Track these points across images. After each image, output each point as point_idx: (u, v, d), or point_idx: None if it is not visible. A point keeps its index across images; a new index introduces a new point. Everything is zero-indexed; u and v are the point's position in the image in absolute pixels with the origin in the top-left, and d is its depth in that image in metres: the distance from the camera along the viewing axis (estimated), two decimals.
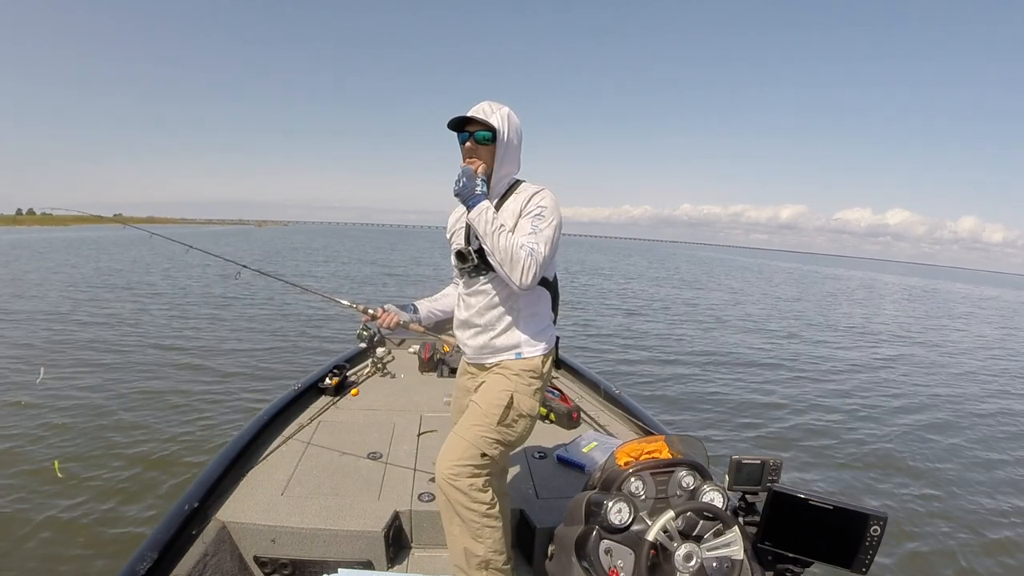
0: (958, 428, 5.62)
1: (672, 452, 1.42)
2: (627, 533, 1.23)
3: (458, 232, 1.64)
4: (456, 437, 1.50)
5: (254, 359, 6.50)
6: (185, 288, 12.42)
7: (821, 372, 7.70)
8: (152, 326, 8.16)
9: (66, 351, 6.47)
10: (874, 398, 6.52)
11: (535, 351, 1.57)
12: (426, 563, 1.84)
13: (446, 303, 1.80)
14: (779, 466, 1.31)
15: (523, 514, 1.92)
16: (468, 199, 1.43)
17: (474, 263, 1.55)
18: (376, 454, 2.33)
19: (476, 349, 1.61)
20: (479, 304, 1.57)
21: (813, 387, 6.78)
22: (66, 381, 5.27)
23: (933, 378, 7.97)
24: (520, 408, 1.53)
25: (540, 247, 1.41)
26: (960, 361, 9.67)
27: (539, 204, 1.47)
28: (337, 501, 1.94)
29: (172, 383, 5.39)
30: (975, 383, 7.89)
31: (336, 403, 2.95)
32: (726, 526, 1.19)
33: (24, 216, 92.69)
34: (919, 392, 7.00)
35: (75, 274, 14.91)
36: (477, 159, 1.48)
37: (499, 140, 1.48)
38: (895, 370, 8.31)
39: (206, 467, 1.99)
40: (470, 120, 1.47)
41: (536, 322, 1.58)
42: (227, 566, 1.71)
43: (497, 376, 1.57)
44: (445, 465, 1.45)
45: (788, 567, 1.21)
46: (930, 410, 6.18)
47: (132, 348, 6.74)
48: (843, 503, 1.15)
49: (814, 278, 35.82)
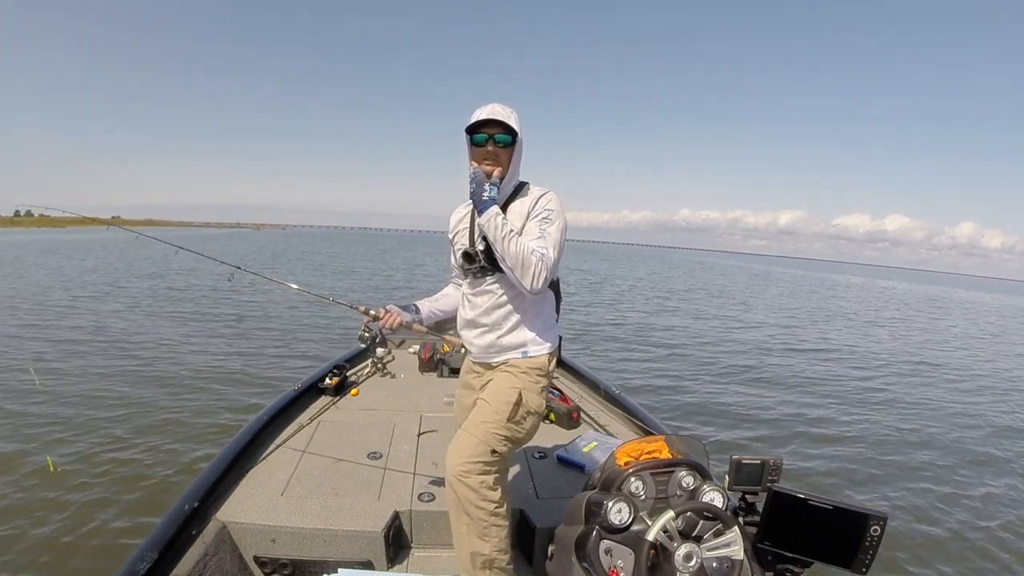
0: (959, 428, 5.62)
1: (672, 452, 1.42)
2: (627, 533, 1.23)
3: (461, 232, 1.64)
4: (466, 434, 1.49)
5: (250, 361, 6.44)
6: (180, 289, 12.32)
7: (822, 372, 7.71)
8: (147, 328, 8.11)
9: (60, 353, 6.42)
10: (875, 398, 6.52)
11: (541, 349, 1.58)
12: (426, 563, 1.84)
13: (447, 303, 1.80)
14: (779, 466, 1.31)
15: (523, 514, 1.92)
16: (478, 204, 1.43)
17: (481, 264, 1.55)
18: (376, 454, 2.33)
19: (482, 348, 1.61)
20: (485, 304, 1.58)
21: (813, 387, 6.79)
22: (61, 383, 5.21)
23: (937, 379, 7.97)
24: (529, 405, 1.54)
25: (549, 252, 1.42)
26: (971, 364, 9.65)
27: (546, 207, 1.48)
28: (337, 501, 1.94)
29: (166, 386, 5.33)
30: (985, 386, 7.84)
31: (336, 403, 2.95)
32: (726, 526, 1.19)
33: (22, 218, 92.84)
34: (920, 392, 7.01)
35: (71, 275, 14.86)
36: (496, 163, 1.47)
37: (518, 143, 1.48)
38: (896, 370, 8.31)
39: (206, 467, 1.99)
40: (487, 122, 1.45)
41: (541, 321, 1.59)
42: (227, 566, 1.71)
43: (505, 374, 1.57)
44: (456, 462, 1.44)
45: (788, 567, 1.21)
46: (931, 409, 6.19)
47: (128, 351, 6.71)
48: (843, 503, 1.15)
49: (818, 284, 35.71)
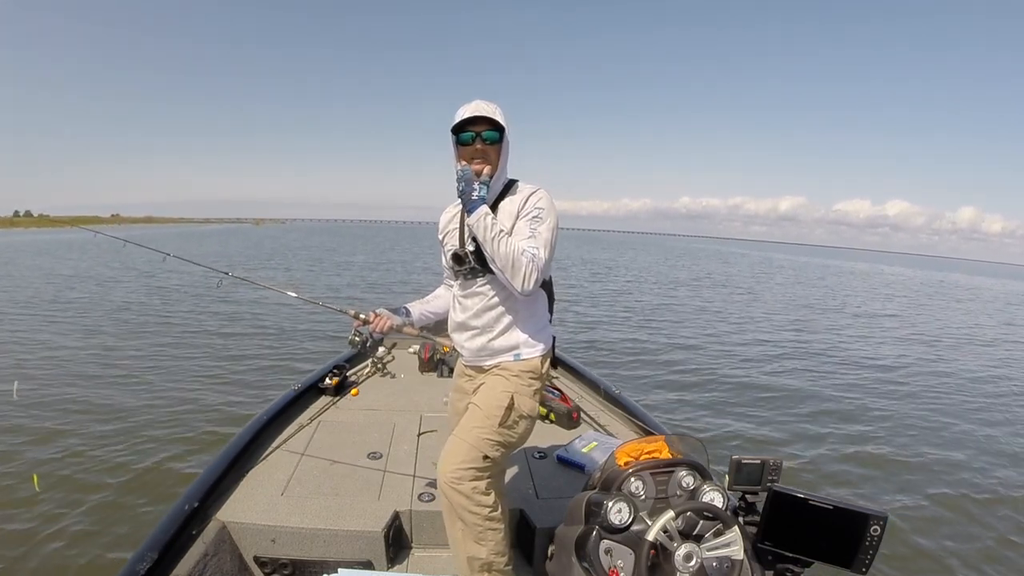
0: (962, 428, 5.60)
1: (672, 452, 1.42)
2: (627, 533, 1.23)
3: (451, 233, 1.60)
4: (457, 440, 1.48)
5: (244, 364, 6.31)
6: (173, 292, 11.97)
7: (822, 372, 7.69)
8: (142, 331, 7.97)
9: (51, 357, 6.29)
10: (876, 397, 6.50)
11: (534, 352, 1.55)
12: (426, 563, 1.84)
13: (438, 304, 1.77)
14: (779, 466, 1.31)
15: (523, 514, 1.92)
16: (467, 203, 1.40)
17: (471, 265, 1.52)
18: (376, 454, 2.33)
19: (474, 351, 1.59)
20: (476, 306, 1.55)
21: (814, 387, 6.77)
22: (51, 389, 5.11)
23: (940, 373, 7.96)
24: (521, 409, 1.51)
25: (540, 252, 1.40)
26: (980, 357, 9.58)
27: (536, 206, 1.45)
28: (337, 501, 1.94)
29: (159, 391, 5.26)
30: (991, 379, 7.79)
31: (336, 403, 2.94)
32: (726, 526, 1.19)
33: (21, 218, 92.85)
34: (922, 391, 6.99)
35: (64, 276, 14.73)
36: (485, 160, 1.44)
37: (505, 139, 1.45)
38: (897, 369, 8.30)
39: (206, 467, 1.99)
40: (473, 120, 1.42)
41: (534, 323, 1.56)
42: (227, 566, 1.71)
43: (496, 378, 1.55)
44: (447, 469, 1.43)
45: (788, 567, 1.21)
46: (932, 411, 6.18)
47: (123, 353, 6.63)
48: (843, 503, 1.15)
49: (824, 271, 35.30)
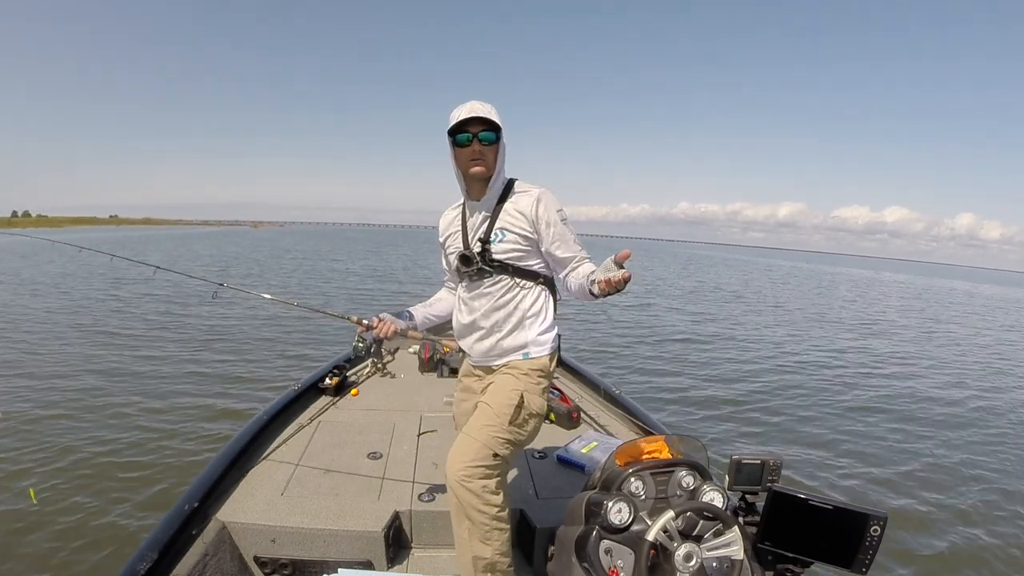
0: (964, 426, 5.61)
1: (672, 452, 1.43)
2: (627, 533, 1.24)
3: (454, 235, 1.60)
4: (467, 438, 1.47)
5: (241, 368, 6.24)
6: (169, 299, 11.52)
7: (823, 371, 7.70)
8: (138, 336, 7.83)
9: (44, 363, 6.18)
10: (876, 397, 6.51)
11: (542, 350, 1.56)
12: (426, 563, 1.84)
13: (441, 307, 1.77)
14: (779, 466, 1.31)
15: (523, 514, 1.92)
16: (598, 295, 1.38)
17: (478, 265, 1.51)
18: (376, 454, 2.33)
19: (483, 352, 1.59)
20: (484, 306, 1.55)
21: (815, 386, 6.78)
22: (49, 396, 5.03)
23: (941, 375, 7.97)
24: (531, 407, 1.52)
25: (585, 251, 1.52)
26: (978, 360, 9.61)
27: (556, 210, 1.48)
28: (337, 501, 1.94)
29: (159, 392, 5.24)
30: (992, 383, 7.80)
31: (336, 403, 2.94)
32: (726, 526, 1.19)
33: (20, 218, 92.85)
34: (922, 391, 7.00)
35: (59, 277, 14.58)
36: (483, 162, 1.43)
37: (502, 139, 1.44)
38: (897, 369, 8.31)
39: (206, 467, 1.99)
40: (469, 121, 1.40)
41: (541, 321, 1.57)
42: (227, 566, 1.71)
43: (506, 376, 1.55)
44: (457, 466, 1.42)
45: (788, 567, 1.21)
46: (933, 410, 6.19)
47: (121, 358, 6.56)
48: (843, 503, 1.15)
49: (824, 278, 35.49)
